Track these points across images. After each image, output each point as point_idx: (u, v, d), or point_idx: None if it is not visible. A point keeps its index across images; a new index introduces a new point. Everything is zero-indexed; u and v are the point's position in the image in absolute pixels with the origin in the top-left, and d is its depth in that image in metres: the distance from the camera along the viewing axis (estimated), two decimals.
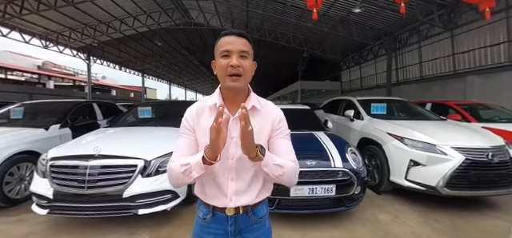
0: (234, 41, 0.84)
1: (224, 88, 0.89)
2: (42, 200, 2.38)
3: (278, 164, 0.83)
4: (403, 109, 4.86)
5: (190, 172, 0.80)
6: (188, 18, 14.07)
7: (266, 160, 0.79)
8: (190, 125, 0.91)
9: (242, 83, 0.85)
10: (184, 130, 0.92)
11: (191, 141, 0.90)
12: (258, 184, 0.92)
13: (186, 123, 0.92)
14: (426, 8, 8.46)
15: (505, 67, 7.41)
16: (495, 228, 2.64)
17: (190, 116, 0.92)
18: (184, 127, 0.92)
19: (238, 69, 0.83)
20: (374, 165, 3.67)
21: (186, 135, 0.91)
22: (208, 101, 0.92)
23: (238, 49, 0.84)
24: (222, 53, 0.84)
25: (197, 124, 0.90)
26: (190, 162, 0.80)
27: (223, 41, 0.85)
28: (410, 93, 10.83)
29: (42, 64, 29.51)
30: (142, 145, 2.71)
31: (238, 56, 0.84)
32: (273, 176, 0.84)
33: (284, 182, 0.87)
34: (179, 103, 5.36)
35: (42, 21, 11.84)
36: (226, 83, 0.85)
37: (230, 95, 0.90)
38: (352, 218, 2.78)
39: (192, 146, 0.90)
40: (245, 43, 0.85)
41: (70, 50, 15.65)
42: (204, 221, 0.93)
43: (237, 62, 0.82)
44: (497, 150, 2.97)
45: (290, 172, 0.87)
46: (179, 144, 0.92)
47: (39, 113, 4.23)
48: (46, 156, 2.54)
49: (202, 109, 0.92)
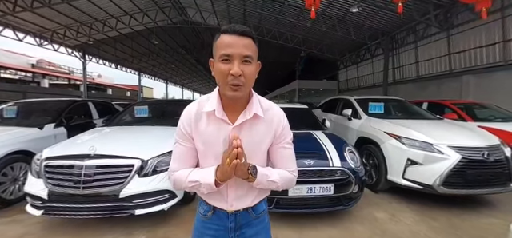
0: (236, 43, 0.73)
1: (223, 94, 0.81)
2: (36, 201, 2.34)
3: (272, 180, 0.85)
4: (400, 109, 4.88)
5: (198, 188, 0.83)
6: (185, 17, 14.00)
7: (258, 179, 0.81)
8: (188, 132, 0.85)
9: (243, 93, 0.77)
10: (181, 137, 0.87)
11: (190, 149, 0.88)
12: (255, 190, 0.92)
13: (183, 129, 0.86)
14: (422, 8, 8.52)
15: (500, 67, 7.50)
16: (491, 226, 2.66)
17: (188, 121, 0.85)
18: (181, 133, 0.87)
19: (239, 79, 0.73)
20: (372, 164, 3.68)
21: (183, 142, 0.87)
22: (206, 105, 0.84)
23: (240, 53, 0.73)
24: (221, 57, 0.74)
25: (195, 130, 0.85)
26: (199, 181, 0.81)
27: (223, 40, 0.74)
28: (406, 93, 10.91)
29: (36, 62, 29.11)
30: (138, 145, 2.68)
31: (240, 62, 0.73)
32: (266, 189, 0.88)
33: (279, 190, 0.91)
34: (176, 102, 5.32)
35: (36, 19, 11.67)
36: (225, 92, 0.77)
37: (230, 102, 0.82)
38: (350, 217, 2.78)
39: (190, 154, 0.89)
40: (248, 45, 0.75)
41: (65, 48, 15.47)
42: (205, 217, 0.94)
43: (238, 70, 0.72)
44: (492, 149, 3.00)
45: (286, 183, 0.90)
46: (178, 152, 0.89)
47: (33, 112, 4.16)
48: (41, 156, 2.50)
49: (200, 114, 0.84)
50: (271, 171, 0.87)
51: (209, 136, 0.84)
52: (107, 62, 19.84)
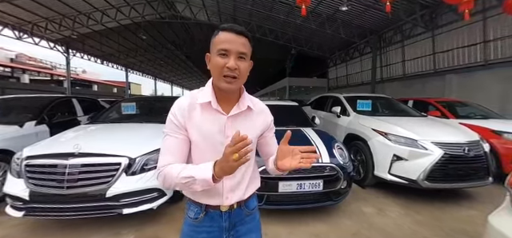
0: (234, 41, 0.80)
1: (217, 86, 0.85)
2: (17, 202, 2.23)
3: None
4: (387, 106, 5.02)
5: (192, 184, 0.77)
6: (174, 11, 13.67)
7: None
8: (180, 122, 0.84)
9: (236, 85, 0.84)
10: (173, 128, 0.85)
11: (182, 141, 0.85)
12: (246, 180, 0.94)
13: (174, 120, 0.84)
14: (409, 8, 8.75)
15: (480, 67, 7.84)
16: (470, 217, 2.80)
17: (181, 112, 0.84)
18: (173, 124, 0.85)
19: (234, 72, 0.80)
20: (360, 160, 3.77)
21: (175, 134, 0.85)
22: (199, 96, 0.86)
23: (237, 50, 0.80)
24: (219, 51, 0.80)
25: (188, 120, 0.84)
26: (194, 176, 0.76)
27: (222, 37, 0.81)
28: (393, 91, 11.21)
29: (15, 56, 27.67)
30: (126, 142, 2.61)
31: (236, 57, 0.80)
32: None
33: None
34: (165, 99, 5.22)
35: (15, 11, 11.05)
36: (220, 84, 0.82)
37: (223, 94, 0.86)
38: (338, 212, 2.85)
39: (182, 147, 0.85)
40: (244, 43, 0.82)
41: (47, 42, 14.77)
42: (196, 221, 0.90)
43: (234, 64, 0.79)
44: (472, 145, 3.14)
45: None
46: (169, 145, 0.85)
47: (13, 108, 3.96)
48: (21, 155, 2.38)
49: (193, 105, 0.85)
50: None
51: (204, 126, 0.84)
52: (92, 57, 19.13)
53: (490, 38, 7.50)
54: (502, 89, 7.07)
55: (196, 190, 0.79)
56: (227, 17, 13.52)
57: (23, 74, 26.04)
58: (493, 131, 4.09)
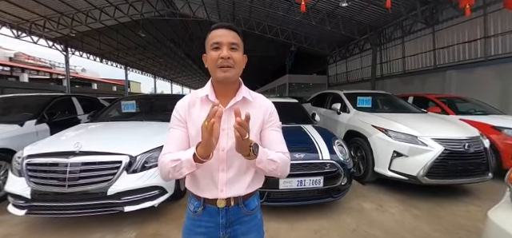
0: (224, 34, 0.85)
1: (215, 80, 0.90)
2: (18, 201, 2.25)
3: (272, 159, 0.84)
4: (387, 102, 5.01)
5: (180, 168, 0.79)
6: (173, 9, 13.58)
7: (260, 157, 0.80)
8: (182, 117, 0.91)
9: (232, 74, 0.86)
10: (175, 122, 0.92)
11: (183, 133, 0.90)
12: (249, 175, 0.92)
13: (177, 115, 0.92)
14: (409, 4, 8.70)
15: (481, 62, 7.82)
16: (469, 213, 2.82)
17: (182, 108, 0.92)
18: (175, 119, 0.92)
19: (228, 61, 0.84)
20: (360, 157, 3.78)
21: (177, 127, 0.91)
22: (199, 93, 0.93)
23: (228, 41, 0.85)
24: (212, 46, 0.85)
25: (188, 115, 0.90)
26: (180, 158, 0.79)
27: (213, 34, 0.87)
28: (393, 87, 11.21)
29: (14, 55, 27.57)
30: (126, 141, 2.61)
31: (228, 47, 0.85)
32: (266, 171, 0.85)
33: (277, 175, 0.89)
34: (165, 97, 5.22)
35: (13, 9, 10.99)
36: (216, 75, 0.86)
37: (221, 87, 0.90)
38: (338, 208, 2.86)
39: (184, 139, 0.90)
40: (234, 36, 0.87)
41: (46, 41, 14.70)
42: (195, 214, 0.93)
43: (227, 54, 0.84)
44: (472, 141, 3.15)
45: (283, 166, 0.88)
46: (170, 136, 0.91)
47: (13, 107, 3.97)
48: (22, 154, 2.39)
49: (194, 101, 0.92)
50: (270, 151, 0.87)
51: (201, 119, 0.82)
52: (91, 56, 19.04)
53: (491, 34, 7.47)
54: (502, 85, 7.07)
55: (183, 174, 0.80)
56: (226, 13, 13.45)
57: (22, 73, 26.00)
58: (493, 127, 4.10)
